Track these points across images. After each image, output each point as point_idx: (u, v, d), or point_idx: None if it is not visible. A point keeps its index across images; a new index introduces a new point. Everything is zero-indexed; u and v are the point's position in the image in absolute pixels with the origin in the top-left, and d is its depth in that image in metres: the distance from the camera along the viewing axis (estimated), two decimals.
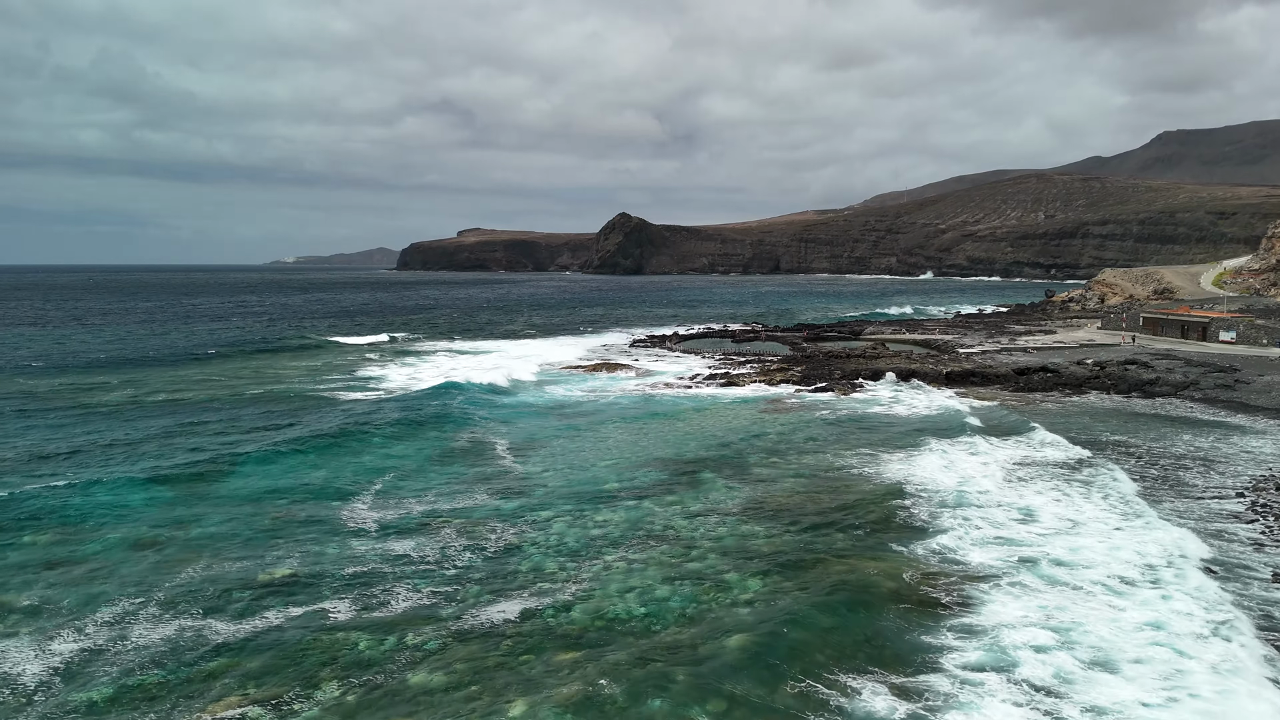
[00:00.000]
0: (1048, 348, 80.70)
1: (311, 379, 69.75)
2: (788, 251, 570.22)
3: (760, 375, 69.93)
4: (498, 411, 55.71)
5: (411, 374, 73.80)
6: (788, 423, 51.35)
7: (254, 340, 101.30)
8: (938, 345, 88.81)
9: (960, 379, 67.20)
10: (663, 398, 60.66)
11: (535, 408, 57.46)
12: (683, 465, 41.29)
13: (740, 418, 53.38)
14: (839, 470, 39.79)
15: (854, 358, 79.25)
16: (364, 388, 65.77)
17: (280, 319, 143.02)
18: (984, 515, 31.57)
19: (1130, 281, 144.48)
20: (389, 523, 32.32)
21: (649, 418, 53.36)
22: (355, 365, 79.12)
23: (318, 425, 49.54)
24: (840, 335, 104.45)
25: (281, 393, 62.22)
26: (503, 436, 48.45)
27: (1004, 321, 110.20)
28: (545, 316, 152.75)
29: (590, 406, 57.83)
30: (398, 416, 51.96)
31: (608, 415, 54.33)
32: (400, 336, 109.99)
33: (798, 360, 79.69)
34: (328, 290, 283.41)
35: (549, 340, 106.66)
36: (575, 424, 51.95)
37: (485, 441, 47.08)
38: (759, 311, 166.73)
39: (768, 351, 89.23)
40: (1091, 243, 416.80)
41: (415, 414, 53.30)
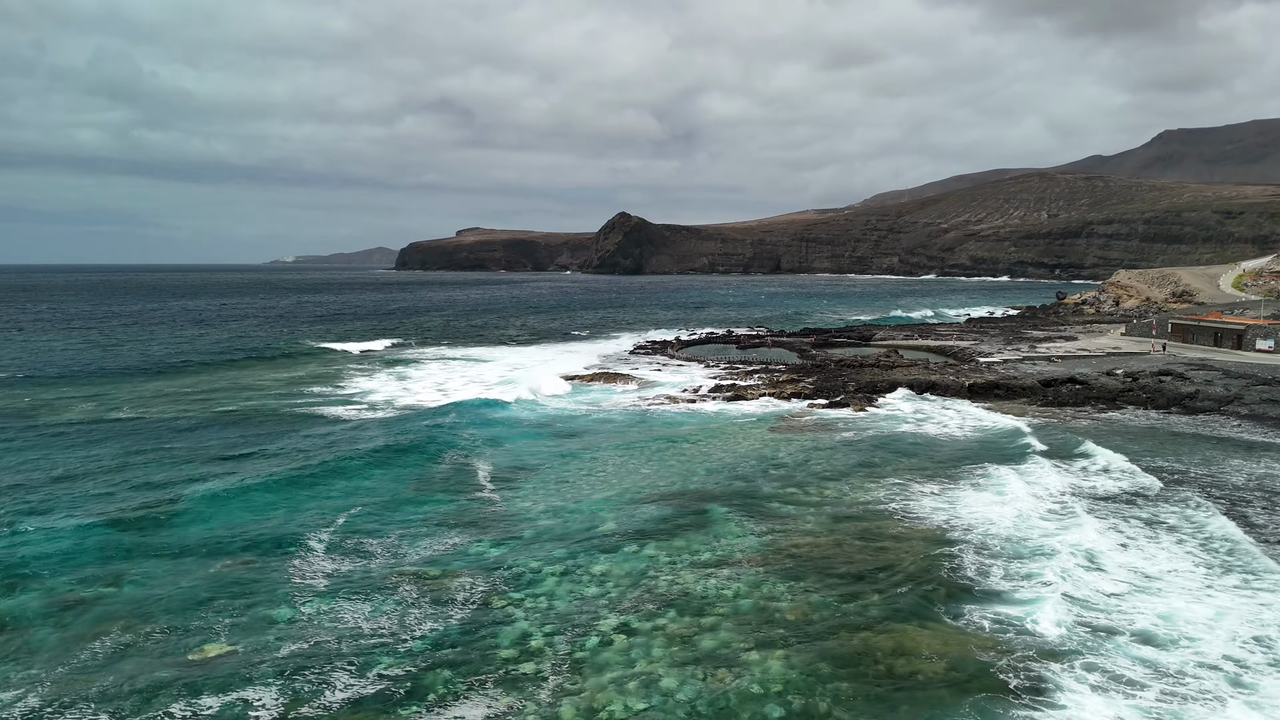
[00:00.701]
0: (1071, 356, 76.20)
1: (291, 393, 65.22)
2: (789, 251, 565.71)
3: (769, 387, 65.44)
4: (485, 430, 51.17)
5: (399, 386, 69.33)
6: (803, 445, 46.82)
7: (237, 347, 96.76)
8: (954, 353, 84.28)
9: (983, 392, 62.72)
10: (665, 414, 56.13)
11: (527, 426, 52.93)
12: (689, 499, 36.77)
13: (750, 439, 48.85)
14: (868, 506, 35.25)
15: (868, 367, 74.74)
16: (346, 402, 61.25)
17: (269, 323, 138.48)
18: (1046, 566, 26.99)
19: (1146, 283, 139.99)
20: (345, 577, 27.80)
21: (650, 439, 48.85)
22: (340, 376, 74.60)
23: (285, 452, 45.01)
24: (850, 341, 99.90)
25: (255, 410, 57.67)
26: (489, 460, 43.97)
27: (1020, 327, 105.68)
28: (542, 320, 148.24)
29: (586, 424, 53.29)
30: (375, 440, 47.48)
31: (605, 435, 49.82)
32: (391, 344, 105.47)
33: (808, 370, 75.17)
34: (322, 292, 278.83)
35: (545, 347, 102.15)
36: (569, 446, 47.44)
37: (469, 467, 42.59)
38: (763, 314, 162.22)
39: (775, 359, 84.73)
40: (1096, 242, 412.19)
41: (395, 436, 48.81)
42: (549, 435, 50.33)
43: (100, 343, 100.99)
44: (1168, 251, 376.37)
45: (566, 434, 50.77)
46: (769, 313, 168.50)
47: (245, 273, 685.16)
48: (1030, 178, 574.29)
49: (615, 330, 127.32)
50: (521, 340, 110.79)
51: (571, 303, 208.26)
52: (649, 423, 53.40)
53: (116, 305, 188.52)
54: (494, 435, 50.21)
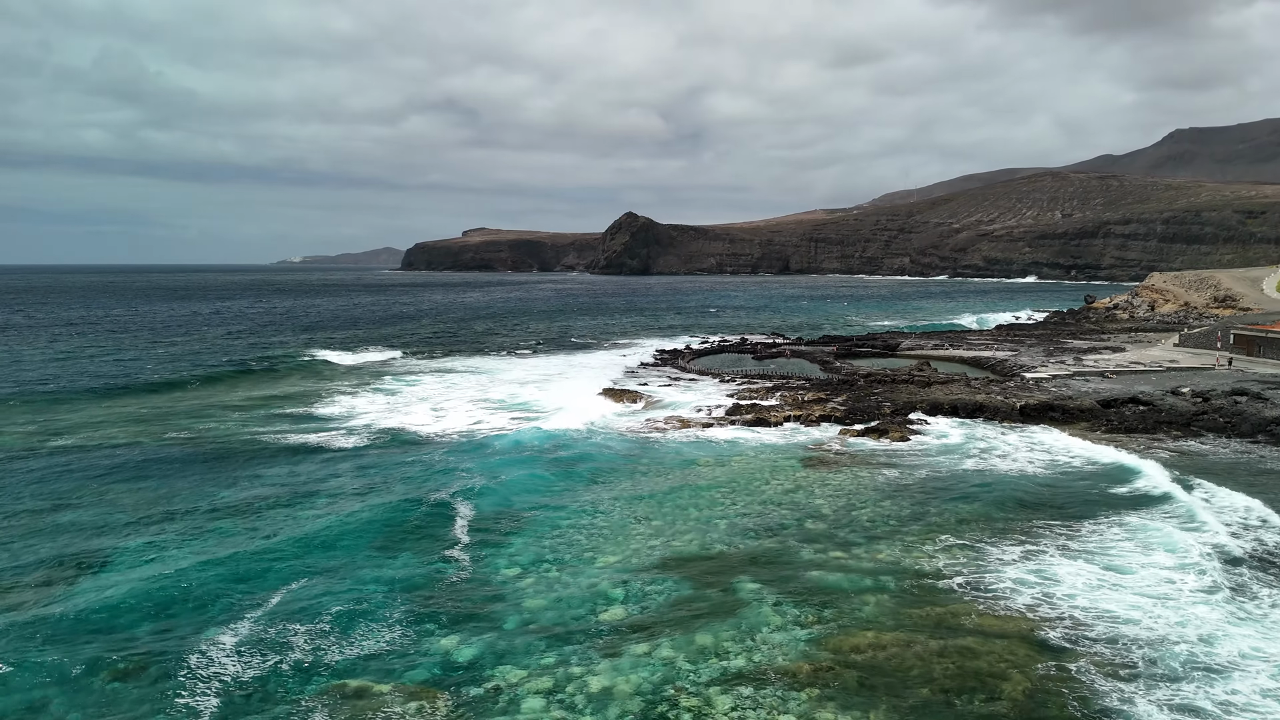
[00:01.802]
0: (1126, 371, 68.97)
1: (261, 415, 58.39)
2: (797, 251, 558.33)
3: (793, 408, 58.37)
4: (473, 464, 44.27)
5: (387, 406, 62.39)
6: (842, 487, 39.79)
7: (217, 358, 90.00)
8: (992, 366, 77.11)
9: (1036, 414, 55.58)
10: (678, 444, 49.10)
11: (517, 458, 45.96)
12: (711, 567, 29.80)
13: (778, 477, 41.82)
14: (935, 580, 28.20)
15: (901, 383, 67.64)
16: (321, 427, 54.33)
17: (260, 329, 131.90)
18: (1219, 698, 19.82)
19: (1183, 287, 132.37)
20: (245, 695, 20.90)
21: (662, 478, 41.89)
22: (322, 393, 67.71)
23: (227, 501, 38.10)
24: (874, 351, 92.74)
25: (212, 438, 50.83)
26: (472, 505, 37.04)
27: (1058, 335, 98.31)
28: (545, 326, 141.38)
29: (587, 456, 46.28)
30: (340, 481, 40.68)
31: (609, 471, 42.84)
32: (385, 353, 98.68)
33: (834, 386, 68.09)
34: (322, 294, 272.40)
35: (545, 358, 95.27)
36: (567, 486, 40.50)
37: (448, 515, 35.68)
38: (777, 320, 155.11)
39: (795, 372, 77.67)
40: (1113, 242, 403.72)
41: (366, 475, 42.02)
42: (544, 469, 43.37)
43: (69, 353, 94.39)
44: (1187, 252, 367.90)
45: (564, 467, 43.82)
46: (783, 318, 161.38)
47: (250, 273, 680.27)
48: (1043, 177, 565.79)
49: (622, 336, 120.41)
50: (523, 349, 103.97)
51: (576, 306, 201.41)
52: (660, 455, 46.38)
53: (103, 309, 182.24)
54: (483, 471, 43.29)
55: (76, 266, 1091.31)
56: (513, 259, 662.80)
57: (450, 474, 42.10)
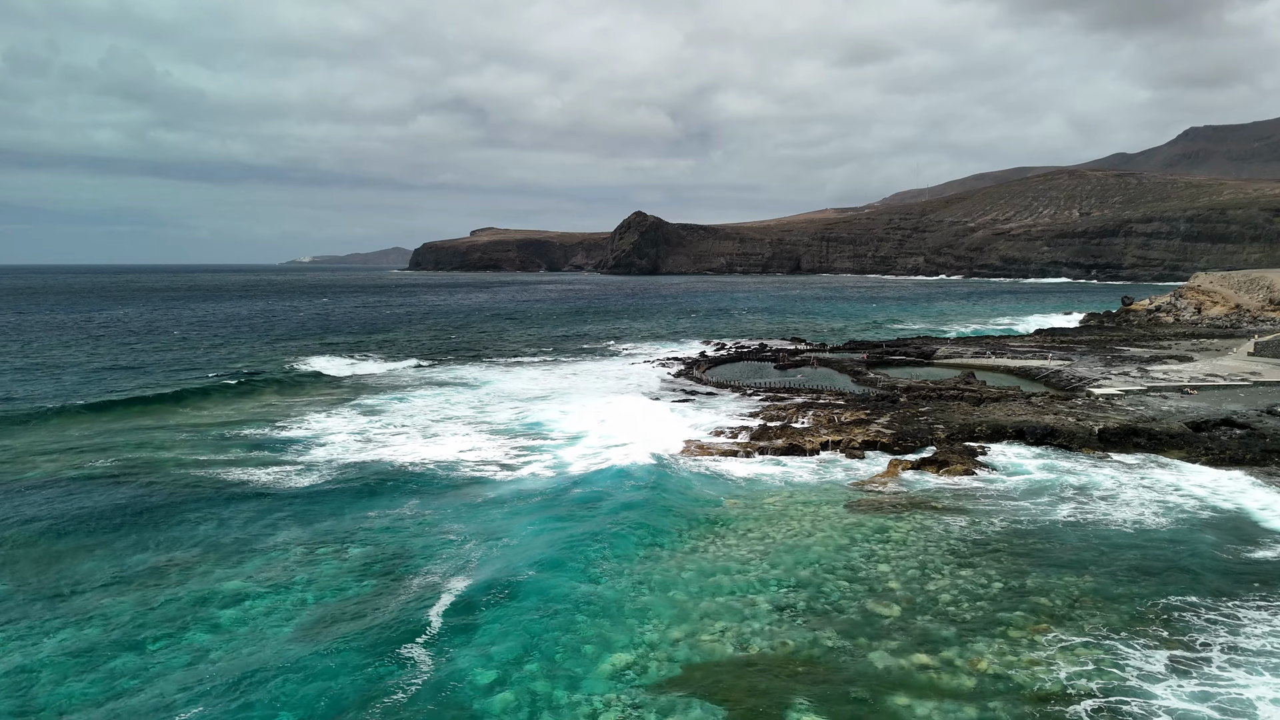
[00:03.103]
0: (1205, 385, 60.69)
1: (212, 443, 50.57)
2: (808, 251, 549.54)
3: (830, 431, 50.28)
4: (445, 509, 36.42)
5: (365, 428, 54.31)
6: (906, 543, 31.74)
7: (189, 370, 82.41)
8: (1047, 378, 68.87)
9: (1118, 439, 47.36)
10: (697, 481, 41.10)
11: (506, 502, 38.05)
12: (752, 678, 21.87)
13: (824, 528, 33.80)
14: (1064, 708, 20.17)
15: (950, 399, 59.48)
16: (276, 460, 46.36)
17: (246, 334, 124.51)
18: None
19: (1232, 288, 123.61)
20: None
21: (678, 530, 33.89)
22: (291, 414, 59.82)
23: (126, 567, 30.32)
24: (908, 359, 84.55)
25: (140, 475, 42.94)
26: (440, 569, 29.33)
27: (1109, 341, 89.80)
28: (549, 331, 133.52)
29: (588, 499, 38.30)
30: (275, 537, 32.86)
31: (615, 521, 34.86)
32: (375, 362, 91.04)
33: (872, 403, 59.99)
34: (323, 295, 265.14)
35: (548, 368, 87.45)
36: (568, 543, 32.56)
37: (408, 587, 27.94)
38: (795, 323, 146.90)
39: (824, 384, 69.59)
40: (1135, 241, 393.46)
41: (312, 529, 34.18)
42: (536, 519, 35.45)
43: (34, 362, 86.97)
44: (1212, 251, 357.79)
45: (562, 516, 35.89)
46: (802, 321, 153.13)
47: (258, 273, 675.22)
48: (1059, 175, 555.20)
49: (631, 342, 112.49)
50: (525, 357, 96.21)
51: (584, 309, 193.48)
52: (676, 497, 38.37)
53: (91, 312, 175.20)
54: (455, 516, 35.47)
55: (89, 267, 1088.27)
56: (521, 259, 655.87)
57: (424, 530, 34.21)
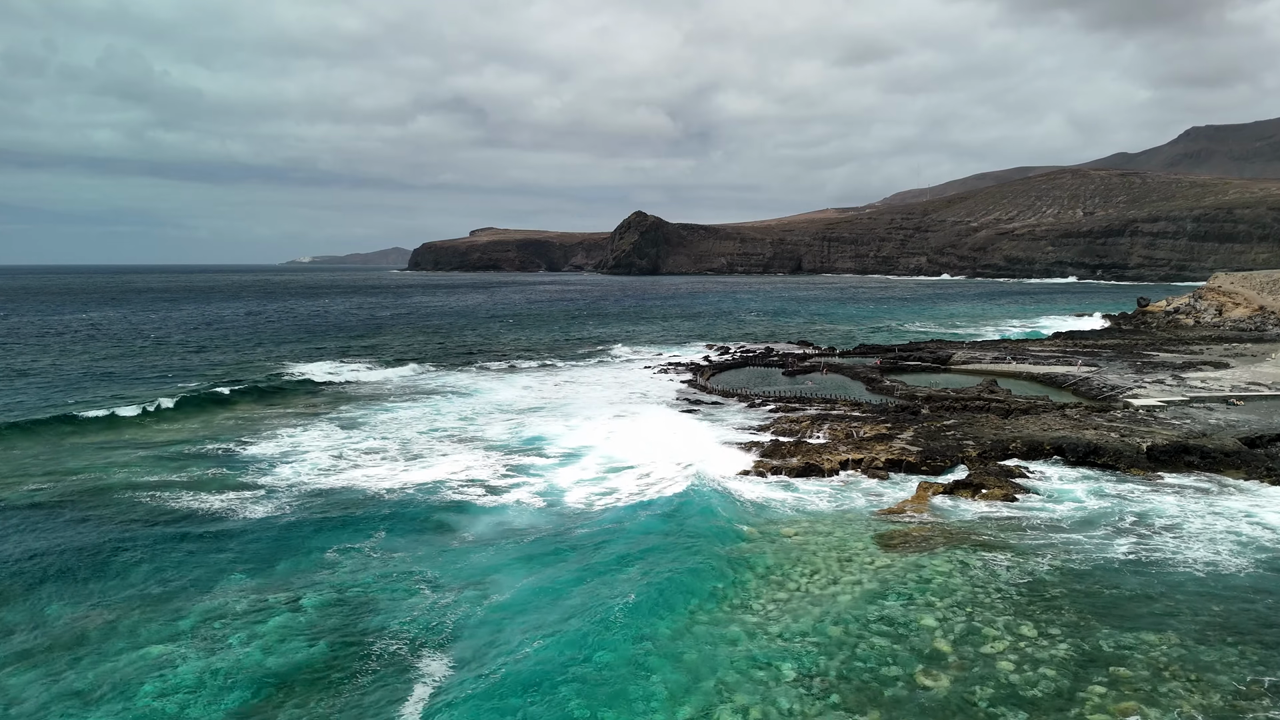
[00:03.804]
0: (1248, 395, 56.33)
1: (168, 462, 46.13)
2: (810, 251, 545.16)
3: (850, 448, 45.87)
4: (420, 548, 32.06)
5: (339, 445, 49.83)
6: (949, 589, 27.34)
7: (160, 376, 77.97)
8: (1075, 386, 64.51)
9: (1169, 458, 42.98)
10: (705, 511, 36.67)
11: (491, 541, 33.63)
12: None
13: (853, 569, 29.39)
14: None
15: (976, 410, 55.10)
16: (234, 483, 41.75)
17: (231, 338, 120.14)
18: None
19: (1255, 289, 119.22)
20: None
21: (685, 568, 29.47)
22: (263, 427, 55.36)
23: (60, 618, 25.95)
24: (923, 364, 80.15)
25: (76, 500, 38.48)
26: (410, 634, 24.95)
27: (1135, 346, 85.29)
28: (546, 334, 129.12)
29: (584, 536, 33.87)
30: (220, 583, 28.47)
31: (613, 564, 30.44)
32: (361, 368, 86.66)
33: (891, 414, 55.62)
34: (316, 295, 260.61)
35: (544, 375, 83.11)
36: (557, 593, 28.18)
37: (370, 659, 23.53)
38: (800, 325, 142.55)
39: (836, 392, 65.25)
40: (1141, 241, 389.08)
41: (261, 575, 29.81)
42: (531, 562, 31.07)
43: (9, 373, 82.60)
44: (1220, 251, 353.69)
45: (557, 555, 31.53)
46: (806, 322, 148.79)
47: (257, 273, 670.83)
48: (1062, 174, 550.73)
49: (632, 345, 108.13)
50: (522, 361, 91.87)
51: (583, 311, 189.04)
52: (684, 528, 33.97)
53: (69, 314, 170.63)
54: (438, 562, 31.09)
55: (88, 267, 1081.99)
56: (520, 259, 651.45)
57: (393, 575, 29.79)
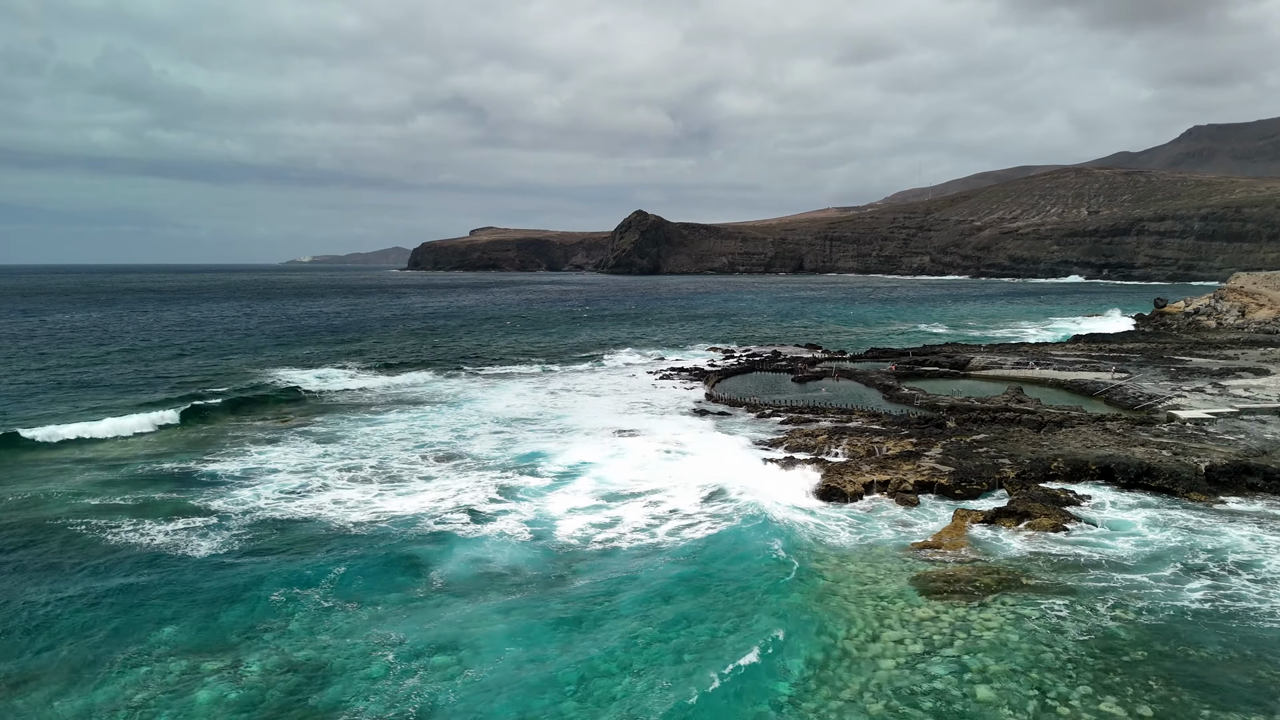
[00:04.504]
0: None
1: (126, 481, 41.86)
2: (811, 250, 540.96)
3: (873, 467, 41.44)
4: (387, 596, 27.70)
5: (305, 466, 44.92)
6: (1003, 647, 23.01)
7: (131, 388, 73.50)
8: (1108, 394, 60.19)
9: (1228, 479, 38.66)
10: (719, 542, 32.29)
11: (471, 589, 29.21)
12: None
13: (888, 624, 25.08)
14: None
15: (1005, 422, 50.73)
16: (190, 505, 37.51)
17: (214, 342, 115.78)
18: None
19: (1278, 289, 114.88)
20: None
21: (698, 621, 25.16)
22: (229, 443, 50.85)
23: None
24: (940, 370, 75.82)
25: (27, 528, 34.30)
26: (373, 705, 20.59)
27: (1165, 351, 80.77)
28: (544, 337, 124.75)
29: (587, 589, 29.48)
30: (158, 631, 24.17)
31: (608, 613, 26.08)
32: (347, 375, 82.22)
33: (914, 427, 51.27)
34: (311, 297, 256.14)
35: (541, 381, 78.78)
36: (557, 664, 23.84)
37: None
38: (806, 326, 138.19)
39: (852, 401, 60.95)
40: (1148, 240, 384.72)
41: (205, 616, 25.53)
42: (516, 617, 26.71)
43: None
44: (1228, 250, 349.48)
45: (544, 606, 27.20)
46: (811, 324, 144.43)
47: (256, 273, 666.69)
48: (1065, 173, 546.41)
49: (632, 348, 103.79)
50: (518, 366, 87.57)
51: (582, 312, 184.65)
52: (700, 567, 29.59)
53: (50, 315, 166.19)
54: (405, 616, 26.74)
55: (86, 267, 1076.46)
56: (520, 258, 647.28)
57: (351, 633, 25.41)
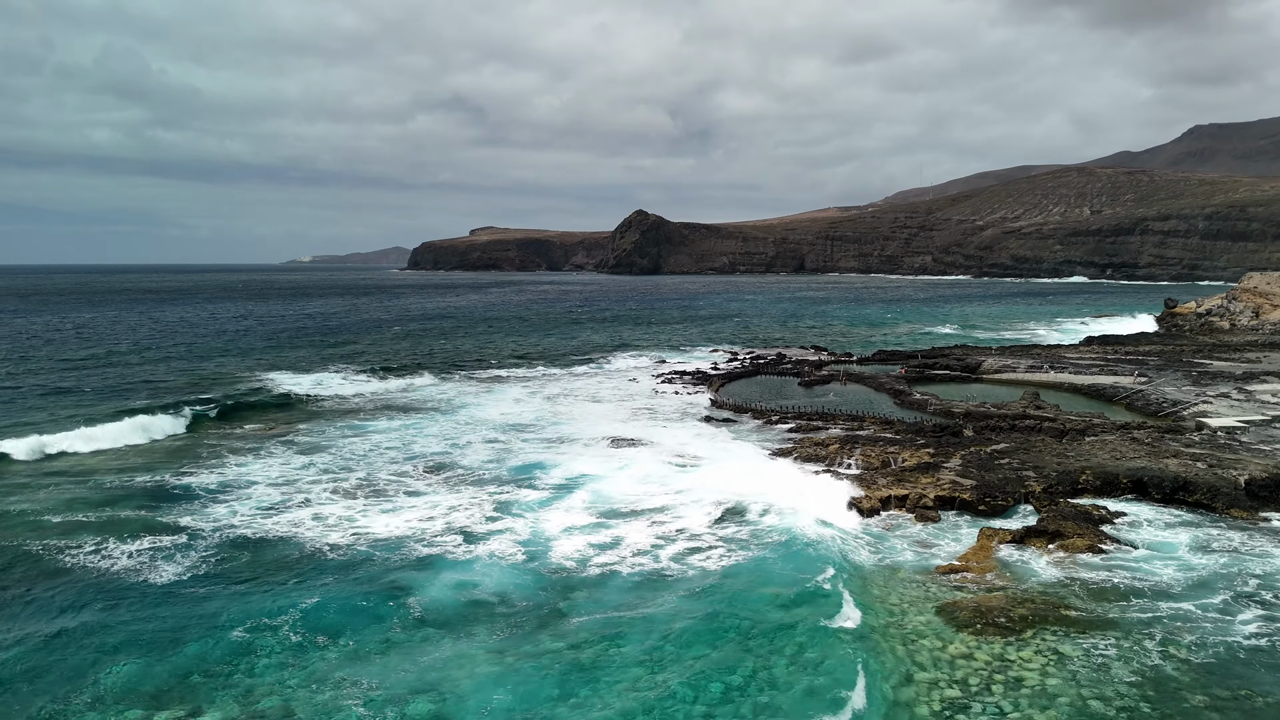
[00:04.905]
0: None
1: (94, 495, 39.46)
2: (813, 250, 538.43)
3: (888, 480, 38.96)
4: (364, 631, 25.18)
5: (286, 479, 41.98)
6: (1045, 694, 20.58)
7: (112, 395, 70.80)
8: (1127, 400, 57.69)
9: (1269, 493, 36.16)
10: (738, 574, 29.78)
11: (459, 620, 26.67)
12: None
13: (920, 662, 22.58)
14: None
15: (1024, 430, 48.22)
16: (159, 521, 34.99)
17: (202, 345, 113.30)
18: None
19: None
20: None
21: (714, 659, 22.66)
22: (208, 453, 48.00)
23: None
24: (951, 373, 73.32)
25: None
26: None
27: (1184, 353, 78.17)
28: (542, 338, 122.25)
29: (586, 626, 26.97)
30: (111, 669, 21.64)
31: (607, 649, 23.59)
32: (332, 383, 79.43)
33: (928, 434, 48.77)
34: (309, 297, 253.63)
35: (538, 385, 76.27)
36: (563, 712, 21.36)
37: None
38: (810, 326, 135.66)
39: (862, 407, 58.47)
40: (1151, 240, 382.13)
41: (162, 652, 23.06)
42: (509, 660, 24.23)
43: None
44: (1233, 250, 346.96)
45: (538, 643, 24.71)
46: (815, 324, 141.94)
47: (256, 273, 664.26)
48: (1068, 172, 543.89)
49: (633, 350, 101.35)
50: (515, 369, 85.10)
51: (581, 313, 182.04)
52: (712, 604, 27.11)
53: (39, 317, 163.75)
54: (382, 661, 24.22)
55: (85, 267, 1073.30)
56: (520, 258, 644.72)
57: (323, 677, 22.90)
